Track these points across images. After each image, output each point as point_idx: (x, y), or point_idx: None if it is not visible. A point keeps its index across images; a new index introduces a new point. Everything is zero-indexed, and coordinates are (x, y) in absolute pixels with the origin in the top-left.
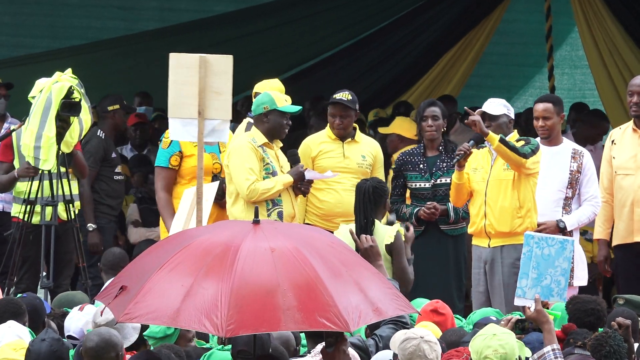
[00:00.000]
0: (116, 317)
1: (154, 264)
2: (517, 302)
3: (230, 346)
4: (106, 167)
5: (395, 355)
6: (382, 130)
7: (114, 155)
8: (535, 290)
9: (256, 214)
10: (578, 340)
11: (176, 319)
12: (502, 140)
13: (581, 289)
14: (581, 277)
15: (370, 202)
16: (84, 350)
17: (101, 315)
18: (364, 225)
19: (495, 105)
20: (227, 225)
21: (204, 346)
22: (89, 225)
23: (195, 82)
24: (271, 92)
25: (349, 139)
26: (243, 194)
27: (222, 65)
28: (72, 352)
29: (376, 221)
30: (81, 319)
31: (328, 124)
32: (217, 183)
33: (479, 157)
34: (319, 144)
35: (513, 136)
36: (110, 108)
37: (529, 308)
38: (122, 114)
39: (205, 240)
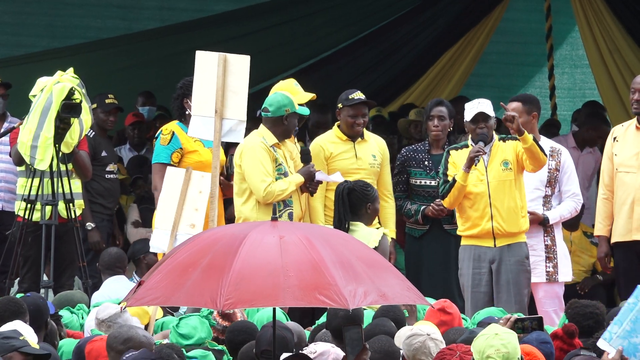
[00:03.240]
0: (129, 305)
1: (168, 255)
2: (600, 343)
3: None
4: (96, 166)
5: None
6: None
7: (104, 154)
8: (621, 342)
9: (274, 212)
10: None
11: (179, 298)
12: (534, 140)
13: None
14: (566, 273)
15: (344, 204)
16: (107, 343)
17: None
18: (338, 228)
19: (488, 106)
20: (246, 223)
21: (216, 347)
22: (87, 224)
23: (215, 80)
24: (287, 93)
25: (359, 139)
26: (259, 195)
27: (240, 64)
28: (69, 348)
29: (359, 225)
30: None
31: (335, 125)
32: (209, 175)
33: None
34: (331, 145)
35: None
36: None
37: (607, 354)
38: (100, 113)
39: (216, 232)
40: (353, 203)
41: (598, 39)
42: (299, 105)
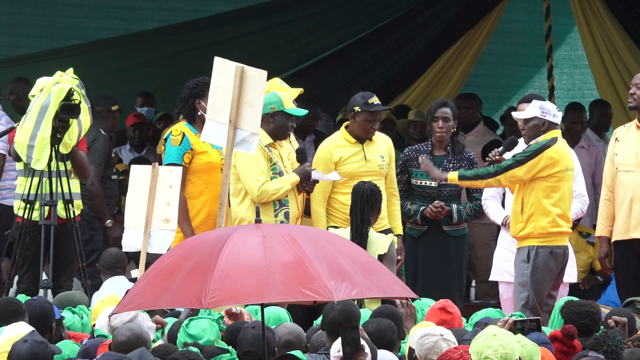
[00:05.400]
0: (116, 312)
1: (155, 261)
2: None
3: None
4: (107, 166)
5: (412, 351)
6: None
7: (112, 154)
8: None
9: (257, 214)
10: None
11: (164, 301)
12: (460, 178)
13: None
14: (571, 274)
15: (367, 204)
16: (114, 345)
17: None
18: (360, 228)
19: (526, 109)
20: (229, 227)
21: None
22: (108, 221)
23: (232, 89)
24: (279, 92)
25: (367, 140)
26: (253, 195)
27: (257, 78)
28: (71, 348)
29: (370, 229)
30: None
31: (343, 127)
32: (180, 168)
33: None
34: (339, 149)
35: (544, 137)
36: (113, 108)
37: None
38: (117, 115)
39: (201, 236)
40: (373, 204)
41: (597, 40)
42: (297, 105)
